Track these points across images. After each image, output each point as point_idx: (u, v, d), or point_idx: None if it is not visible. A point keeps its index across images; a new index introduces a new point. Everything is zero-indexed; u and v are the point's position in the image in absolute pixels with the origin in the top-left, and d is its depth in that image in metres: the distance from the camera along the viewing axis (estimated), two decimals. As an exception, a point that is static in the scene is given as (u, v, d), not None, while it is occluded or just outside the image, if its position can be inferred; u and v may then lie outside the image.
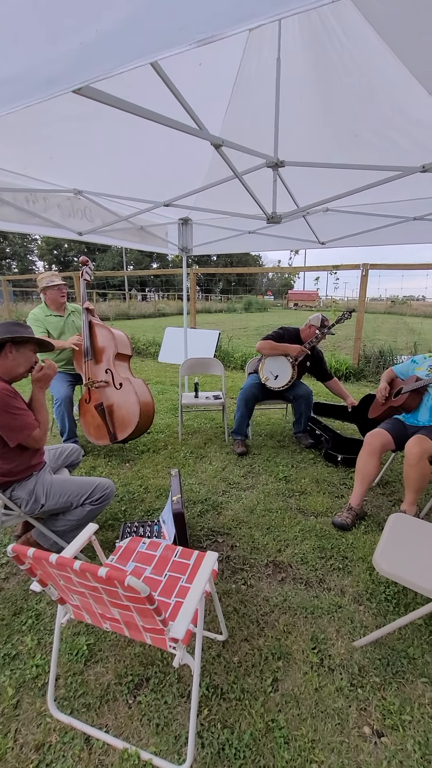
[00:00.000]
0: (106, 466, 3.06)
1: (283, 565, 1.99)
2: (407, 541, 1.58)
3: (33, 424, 1.72)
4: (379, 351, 6.30)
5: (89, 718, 1.28)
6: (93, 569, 0.93)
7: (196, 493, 2.66)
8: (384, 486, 2.78)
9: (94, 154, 2.47)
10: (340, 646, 1.53)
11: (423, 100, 1.88)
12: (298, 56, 1.94)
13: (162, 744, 1.21)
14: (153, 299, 27.32)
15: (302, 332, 3.34)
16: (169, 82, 1.34)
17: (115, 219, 3.25)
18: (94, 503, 1.85)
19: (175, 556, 1.49)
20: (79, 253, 33.67)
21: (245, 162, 2.11)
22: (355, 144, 2.34)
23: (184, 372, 3.74)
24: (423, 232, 3.28)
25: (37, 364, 1.81)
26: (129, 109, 1.28)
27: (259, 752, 1.18)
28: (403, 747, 1.20)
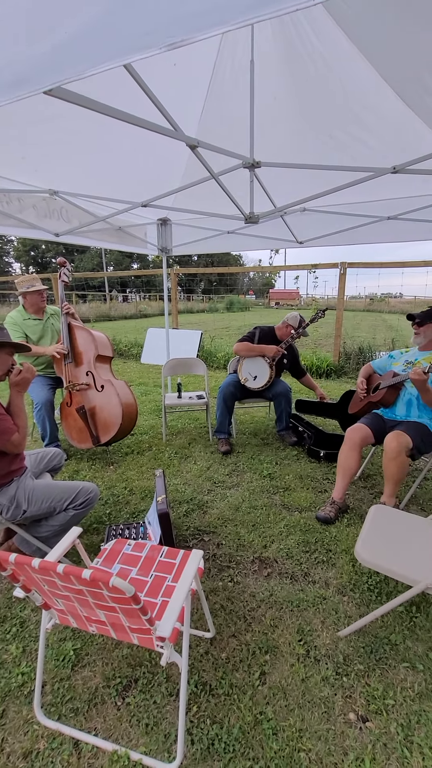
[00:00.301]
0: (89, 469, 3.03)
1: (269, 560, 2.01)
2: (387, 531, 1.63)
3: (11, 428, 1.69)
4: (359, 348, 6.43)
5: (77, 723, 1.27)
6: (77, 572, 0.92)
7: (181, 493, 2.66)
8: (365, 479, 2.84)
9: (68, 155, 2.45)
10: (326, 637, 1.56)
11: (392, 101, 1.94)
12: (271, 58, 1.97)
13: (152, 743, 1.21)
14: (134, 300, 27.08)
15: (278, 330, 3.38)
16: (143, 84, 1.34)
17: (92, 219, 3.22)
18: (78, 507, 1.83)
19: (161, 556, 1.50)
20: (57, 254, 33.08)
21: (222, 162, 2.13)
22: (330, 145, 2.39)
23: (166, 372, 3.74)
24: (397, 231, 3.37)
25: (14, 367, 1.78)
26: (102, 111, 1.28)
27: (248, 745, 1.20)
28: (387, 730, 1.24)
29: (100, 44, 0.68)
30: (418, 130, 2.10)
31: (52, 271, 19.53)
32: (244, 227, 3.71)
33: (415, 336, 2.47)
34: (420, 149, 2.00)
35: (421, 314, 2.42)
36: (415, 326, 2.46)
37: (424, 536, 1.61)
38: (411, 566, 1.41)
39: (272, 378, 3.24)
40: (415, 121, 2.05)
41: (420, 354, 2.46)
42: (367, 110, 2.09)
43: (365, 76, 1.87)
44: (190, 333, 7.25)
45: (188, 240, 4.12)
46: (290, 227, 3.57)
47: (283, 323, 3.34)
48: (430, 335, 2.41)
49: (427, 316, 2.39)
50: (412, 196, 3.01)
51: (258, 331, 3.41)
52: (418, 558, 1.47)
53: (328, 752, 1.18)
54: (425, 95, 1.85)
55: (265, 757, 1.17)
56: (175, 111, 1.63)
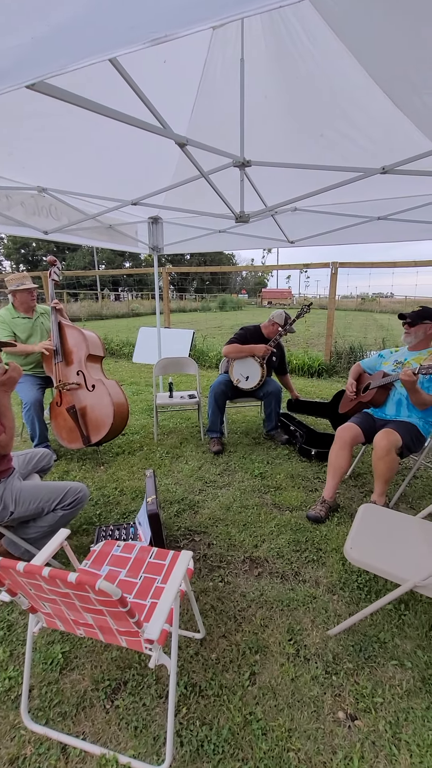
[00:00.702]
0: (79, 470, 3.00)
1: (260, 560, 2.01)
2: (376, 530, 1.64)
3: None
4: (350, 347, 6.47)
5: (65, 727, 1.26)
6: (62, 575, 0.91)
7: (172, 493, 2.65)
8: (356, 478, 2.86)
9: (57, 151, 2.41)
10: (315, 636, 1.57)
11: (380, 101, 1.95)
12: (261, 56, 1.97)
13: (141, 746, 1.20)
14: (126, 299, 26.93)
15: (264, 329, 3.38)
16: (130, 80, 1.32)
17: (82, 217, 3.19)
18: (66, 508, 1.81)
19: (151, 557, 1.49)
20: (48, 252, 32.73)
21: (213, 161, 2.12)
22: (321, 144, 2.39)
23: (158, 372, 3.72)
24: (387, 231, 3.39)
25: (0, 366, 1.75)
26: (88, 107, 1.26)
27: (237, 746, 1.20)
28: (376, 728, 1.25)
29: (83, 38, 0.66)
30: (406, 130, 2.11)
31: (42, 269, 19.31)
32: (236, 226, 3.70)
33: (406, 335, 2.48)
34: (408, 150, 2.01)
35: (412, 314, 2.43)
36: (406, 326, 2.46)
37: (412, 535, 1.62)
38: (399, 565, 1.41)
39: (264, 377, 3.24)
40: (404, 121, 2.06)
41: (409, 354, 2.48)
42: (356, 109, 2.10)
43: (354, 75, 1.88)
44: (182, 332, 7.23)
45: (179, 239, 4.10)
46: (281, 227, 3.57)
47: (269, 321, 3.35)
48: (420, 335, 2.42)
49: (418, 316, 2.40)
50: (401, 197, 3.03)
51: (245, 331, 3.42)
52: (407, 556, 1.48)
53: (317, 751, 1.19)
54: (413, 95, 1.86)
55: (254, 757, 1.17)
56: (165, 108, 1.62)
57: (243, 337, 3.37)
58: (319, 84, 2.01)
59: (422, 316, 2.39)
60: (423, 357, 2.40)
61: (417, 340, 2.43)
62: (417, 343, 2.45)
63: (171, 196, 3.14)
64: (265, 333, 3.37)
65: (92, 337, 3.02)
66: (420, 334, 2.42)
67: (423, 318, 2.39)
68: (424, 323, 2.39)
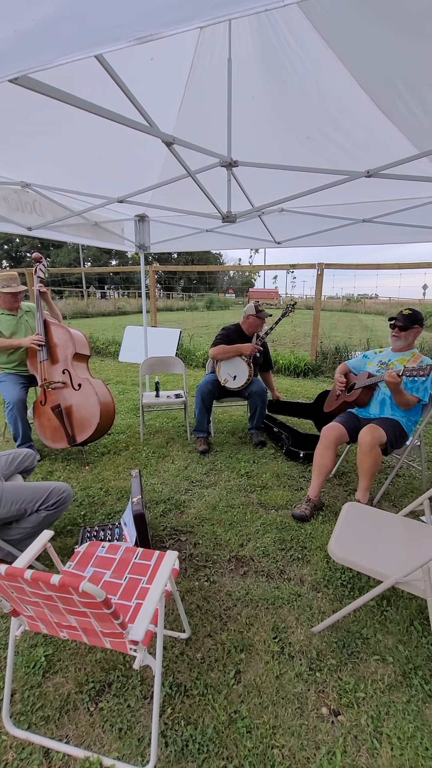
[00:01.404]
0: (64, 470, 2.96)
1: (245, 559, 2.02)
2: (359, 528, 1.67)
3: None
4: (336, 347, 6.55)
5: (48, 731, 1.24)
6: (45, 578, 0.90)
7: (158, 493, 2.64)
8: (340, 477, 2.90)
9: (42, 146, 2.37)
10: (300, 633, 1.59)
11: (366, 105, 1.98)
12: (249, 57, 1.97)
13: (125, 748, 1.20)
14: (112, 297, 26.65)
15: (243, 325, 3.41)
16: (117, 77, 1.31)
17: (67, 214, 3.14)
18: (50, 509, 1.78)
19: (136, 558, 1.48)
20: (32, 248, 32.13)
21: (200, 160, 2.11)
22: (307, 146, 2.41)
23: (144, 371, 3.70)
24: (371, 234, 3.45)
25: None
26: (74, 103, 1.24)
27: (222, 744, 1.20)
28: (358, 722, 1.27)
29: (68, 34, 0.65)
30: (391, 135, 2.15)
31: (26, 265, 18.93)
32: (223, 226, 3.71)
33: (395, 339, 2.48)
34: (393, 154, 2.05)
35: (404, 319, 2.42)
36: (397, 330, 2.46)
37: (394, 532, 1.66)
38: (381, 562, 1.44)
39: (251, 376, 3.26)
40: (388, 126, 2.09)
41: (393, 355, 2.53)
42: (343, 113, 2.13)
43: (341, 79, 1.90)
44: (168, 331, 7.20)
45: (166, 237, 4.08)
46: (268, 227, 3.59)
47: (244, 316, 3.38)
48: (410, 339, 2.46)
49: (410, 320, 2.42)
50: (385, 200, 3.08)
51: (227, 331, 3.44)
52: (389, 553, 1.51)
53: (300, 747, 1.20)
54: (398, 101, 1.90)
55: (239, 755, 1.18)
56: (152, 106, 1.61)
57: (226, 337, 3.38)
58: (306, 87, 2.03)
59: (413, 321, 2.42)
60: (407, 358, 2.45)
61: (406, 343, 2.47)
62: (405, 345, 2.49)
63: (158, 195, 3.12)
64: (245, 329, 3.40)
65: (78, 335, 2.99)
66: (410, 338, 2.46)
67: (414, 323, 2.43)
68: (414, 327, 2.43)
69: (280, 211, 3.35)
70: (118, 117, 1.39)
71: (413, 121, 1.99)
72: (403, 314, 2.45)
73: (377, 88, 1.90)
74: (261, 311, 3.29)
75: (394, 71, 1.75)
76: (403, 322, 2.43)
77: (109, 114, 1.36)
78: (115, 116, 1.38)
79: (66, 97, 1.21)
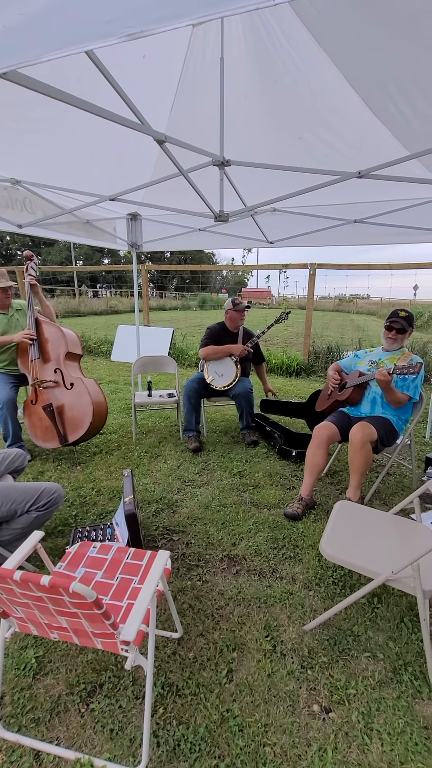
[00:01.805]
0: (55, 470, 2.94)
1: (238, 558, 2.03)
2: (351, 526, 1.68)
3: None
4: (328, 347, 6.59)
5: (39, 733, 1.23)
6: (35, 578, 0.89)
7: (151, 493, 2.63)
8: (332, 476, 2.92)
9: (32, 143, 2.35)
10: (292, 632, 1.59)
11: (358, 106, 1.99)
12: (242, 56, 1.97)
13: (116, 749, 1.19)
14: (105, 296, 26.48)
15: (226, 322, 3.45)
16: (108, 73, 1.30)
17: (57, 212, 3.11)
18: (41, 509, 1.76)
19: (128, 558, 1.47)
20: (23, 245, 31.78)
21: (193, 159, 2.11)
22: (299, 146, 2.42)
23: (136, 371, 3.68)
24: (363, 234, 3.47)
25: None
26: (64, 99, 1.23)
27: (214, 743, 1.20)
28: (349, 719, 1.28)
29: (58, 29, 0.65)
30: (383, 136, 2.16)
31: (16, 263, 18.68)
32: (215, 225, 3.70)
33: (392, 341, 2.48)
34: (384, 156, 2.07)
35: (402, 321, 2.42)
36: (394, 332, 2.45)
37: (385, 530, 1.67)
38: (372, 559, 1.46)
39: (238, 376, 3.27)
40: (380, 128, 2.11)
41: (383, 354, 2.55)
42: (334, 114, 2.14)
43: (332, 80, 1.91)
44: (161, 330, 7.18)
45: (159, 236, 4.06)
46: (261, 227, 3.60)
47: (225, 312, 3.42)
48: (405, 341, 2.49)
49: (408, 322, 2.43)
50: (376, 201, 3.11)
51: (213, 331, 3.46)
52: (380, 551, 1.52)
53: (292, 745, 1.21)
54: (389, 103, 1.91)
55: (230, 754, 1.18)
56: (144, 104, 1.60)
57: (213, 336, 3.41)
58: (299, 87, 2.03)
59: (410, 323, 2.45)
60: (396, 357, 2.47)
61: (399, 346, 2.50)
62: (399, 346, 2.51)
63: (150, 193, 3.11)
64: (228, 325, 3.44)
65: (71, 334, 2.97)
66: (404, 340, 2.49)
67: (411, 325, 2.46)
68: (409, 330, 2.47)
69: (272, 211, 3.36)
70: (109, 114, 1.38)
71: (403, 123, 2.01)
72: (401, 316, 2.43)
73: (369, 90, 1.91)
74: (237, 304, 3.34)
75: (386, 73, 1.76)
76: (402, 324, 2.43)
77: (101, 111, 1.35)
78: (106, 113, 1.37)
79: (57, 93, 1.20)
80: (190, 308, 21.60)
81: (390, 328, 2.48)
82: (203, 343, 3.40)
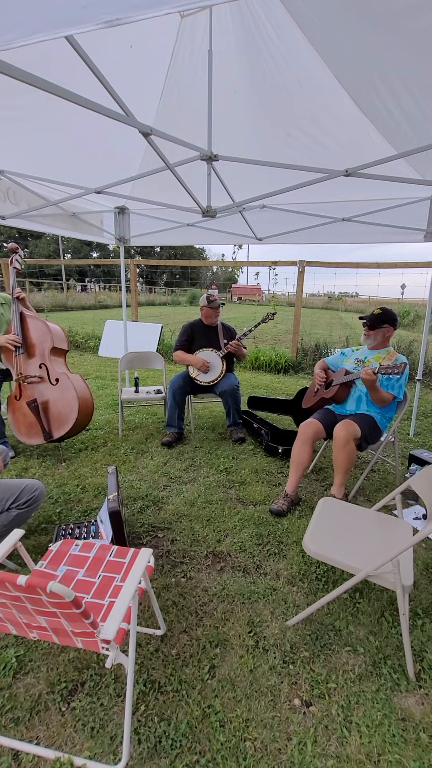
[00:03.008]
0: (39, 466, 2.90)
1: (223, 554, 2.03)
2: (334, 523, 1.70)
3: None
4: (316, 344, 6.63)
5: (18, 733, 1.22)
6: (11, 578, 0.87)
7: (136, 490, 2.62)
8: (317, 472, 2.94)
9: (15, 132, 2.29)
10: (275, 627, 1.61)
11: (347, 104, 1.99)
12: (231, 50, 1.95)
13: (97, 747, 1.19)
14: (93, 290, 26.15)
15: (203, 319, 3.47)
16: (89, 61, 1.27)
17: (42, 203, 3.05)
18: (21, 507, 1.74)
19: (110, 555, 1.46)
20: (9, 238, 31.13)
21: (181, 153, 2.08)
22: (288, 143, 2.41)
23: (123, 366, 3.65)
24: (351, 233, 3.49)
25: None
26: (46, 88, 1.19)
27: (195, 739, 1.21)
28: (329, 712, 1.30)
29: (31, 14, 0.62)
30: (370, 135, 2.17)
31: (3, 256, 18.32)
32: (204, 221, 3.68)
33: (365, 337, 2.57)
34: (371, 154, 2.07)
35: (372, 318, 2.50)
36: (366, 328, 2.55)
37: (367, 526, 1.69)
38: (354, 555, 1.47)
39: (223, 372, 3.28)
40: (368, 126, 2.12)
41: (370, 353, 2.57)
42: (323, 111, 2.13)
43: (321, 75, 1.91)
44: (149, 326, 7.11)
45: (147, 230, 4.01)
46: (249, 224, 3.59)
47: (201, 309, 3.45)
48: (379, 338, 2.52)
49: (378, 320, 2.48)
50: (364, 200, 3.12)
51: (187, 329, 3.48)
52: (361, 547, 1.54)
53: (272, 739, 1.22)
54: (377, 101, 1.92)
55: (211, 749, 1.18)
56: (130, 96, 1.57)
57: (188, 335, 3.45)
58: (288, 83, 2.02)
59: (381, 321, 2.48)
60: (382, 356, 2.50)
61: (376, 342, 2.53)
62: (376, 343, 2.54)
63: (138, 187, 3.07)
64: (205, 321, 3.47)
65: (56, 329, 2.92)
66: (379, 337, 2.51)
67: (382, 322, 2.48)
68: (383, 327, 2.48)
69: (261, 208, 3.35)
70: (92, 104, 1.35)
71: (391, 123, 2.02)
72: (373, 314, 2.53)
73: (357, 87, 1.91)
74: (212, 301, 3.38)
75: (374, 71, 1.76)
76: (371, 321, 2.50)
77: (82, 101, 1.32)
78: (88, 103, 1.34)
79: (37, 81, 1.16)
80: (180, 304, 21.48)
81: (364, 325, 2.57)
82: (176, 346, 3.47)
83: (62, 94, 1.23)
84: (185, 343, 3.44)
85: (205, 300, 3.40)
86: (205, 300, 3.40)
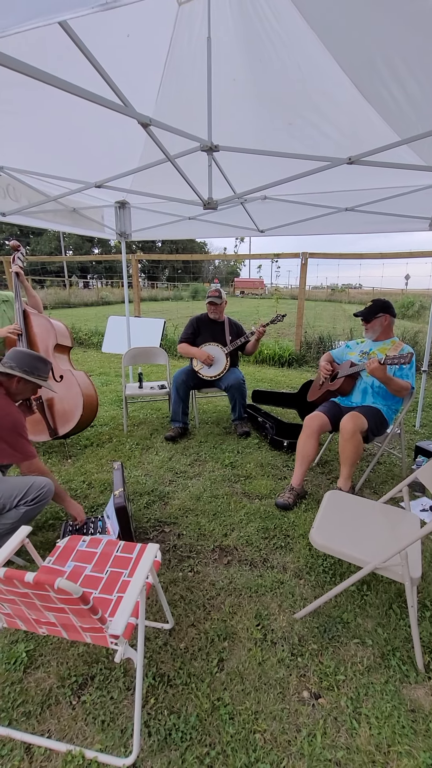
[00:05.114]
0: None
1: (229, 548, 2.03)
2: (340, 515, 1.69)
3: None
4: (320, 337, 6.59)
5: (29, 727, 1.23)
6: (19, 575, 0.87)
7: (142, 485, 2.62)
8: (323, 465, 2.93)
9: (13, 126, 2.26)
10: (282, 620, 1.61)
11: (348, 90, 1.94)
12: (230, 38, 1.91)
13: (108, 740, 1.20)
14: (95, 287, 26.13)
15: (209, 313, 3.46)
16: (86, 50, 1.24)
17: (42, 199, 3.03)
18: (30, 504, 1.74)
19: (117, 551, 1.46)
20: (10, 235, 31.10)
21: (181, 144, 2.05)
22: (289, 132, 2.37)
23: (127, 362, 3.64)
24: (355, 223, 3.44)
25: None
26: (41, 78, 1.17)
27: (205, 732, 1.22)
28: (338, 704, 1.30)
29: None
30: (373, 121, 2.12)
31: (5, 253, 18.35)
32: (205, 213, 3.64)
33: (366, 331, 2.57)
34: (374, 141, 2.03)
35: (365, 312, 2.50)
36: (363, 323, 2.54)
37: (374, 519, 1.68)
38: (361, 548, 1.47)
39: (227, 367, 3.26)
40: (370, 112, 2.07)
41: (374, 345, 2.54)
42: (325, 98, 2.09)
43: (322, 60, 1.86)
44: (152, 321, 7.11)
45: (148, 225, 3.98)
46: (251, 215, 3.54)
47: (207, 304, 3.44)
48: (378, 329, 2.50)
49: (371, 312, 2.48)
50: (367, 189, 3.07)
51: (193, 322, 3.47)
52: (368, 540, 1.53)
53: (282, 731, 1.22)
54: (380, 86, 1.87)
55: (221, 741, 1.19)
56: (128, 86, 1.54)
57: (193, 329, 3.45)
58: (288, 70, 1.98)
59: (374, 312, 2.47)
60: (387, 347, 2.47)
61: (376, 334, 2.51)
62: (379, 334, 2.51)
63: (138, 180, 3.04)
64: (211, 316, 3.45)
65: (59, 326, 2.92)
66: (377, 328, 2.49)
67: (375, 313, 2.47)
68: (378, 317, 2.47)
69: (263, 199, 3.31)
70: (90, 95, 1.32)
71: (395, 108, 1.97)
72: (366, 307, 2.52)
73: (359, 72, 1.87)
74: (212, 298, 3.39)
75: (377, 54, 1.71)
76: (364, 315, 2.50)
77: (80, 91, 1.29)
78: (86, 94, 1.31)
79: (32, 71, 1.14)
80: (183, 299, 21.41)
81: (361, 322, 2.56)
82: (181, 338, 3.47)
83: (58, 84, 1.21)
84: (190, 336, 3.44)
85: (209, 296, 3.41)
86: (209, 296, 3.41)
